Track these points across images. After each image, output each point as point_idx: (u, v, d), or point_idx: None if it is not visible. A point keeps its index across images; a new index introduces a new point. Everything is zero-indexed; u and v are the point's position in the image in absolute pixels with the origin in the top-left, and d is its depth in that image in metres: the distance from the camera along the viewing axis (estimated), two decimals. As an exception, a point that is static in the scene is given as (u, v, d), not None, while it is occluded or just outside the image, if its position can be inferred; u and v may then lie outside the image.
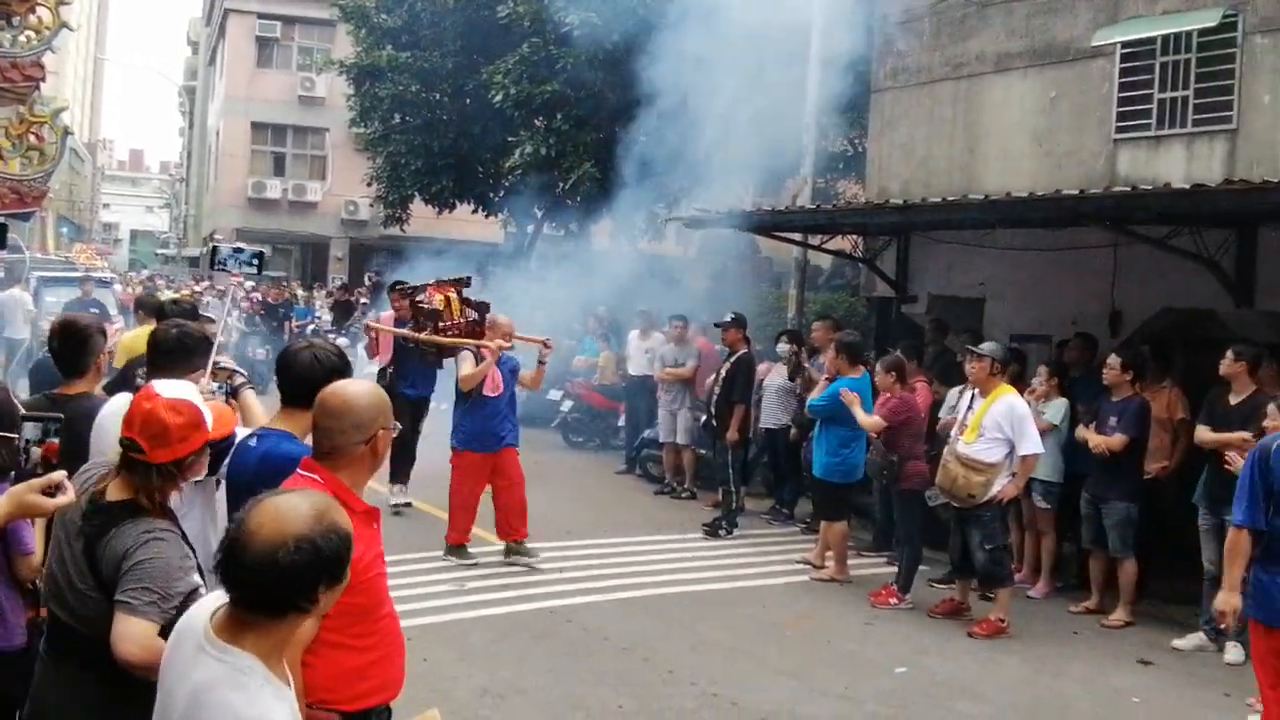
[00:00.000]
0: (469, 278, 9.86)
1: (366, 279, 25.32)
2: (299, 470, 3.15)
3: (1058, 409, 8.96)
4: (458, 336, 9.19)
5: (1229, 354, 7.83)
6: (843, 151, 18.53)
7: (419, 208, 22.63)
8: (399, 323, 10.39)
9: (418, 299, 9.51)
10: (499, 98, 17.35)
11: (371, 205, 25.60)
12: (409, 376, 10.64)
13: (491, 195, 21.63)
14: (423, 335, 9.30)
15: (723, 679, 6.66)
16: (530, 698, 6.21)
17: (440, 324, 9.25)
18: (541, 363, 9.17)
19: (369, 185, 23.34)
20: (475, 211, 22.45)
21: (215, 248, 5.99)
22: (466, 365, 8.84)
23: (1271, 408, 6.77)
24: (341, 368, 3.74)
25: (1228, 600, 5.48)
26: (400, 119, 21.16)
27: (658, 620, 7.81)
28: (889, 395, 8.70)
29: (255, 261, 5.67)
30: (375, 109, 21.17)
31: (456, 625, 7.39)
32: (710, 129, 14.39)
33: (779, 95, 14.30)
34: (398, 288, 10.84)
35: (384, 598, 3.24)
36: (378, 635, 3.20)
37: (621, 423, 14.49)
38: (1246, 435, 7.38)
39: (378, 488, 9.96)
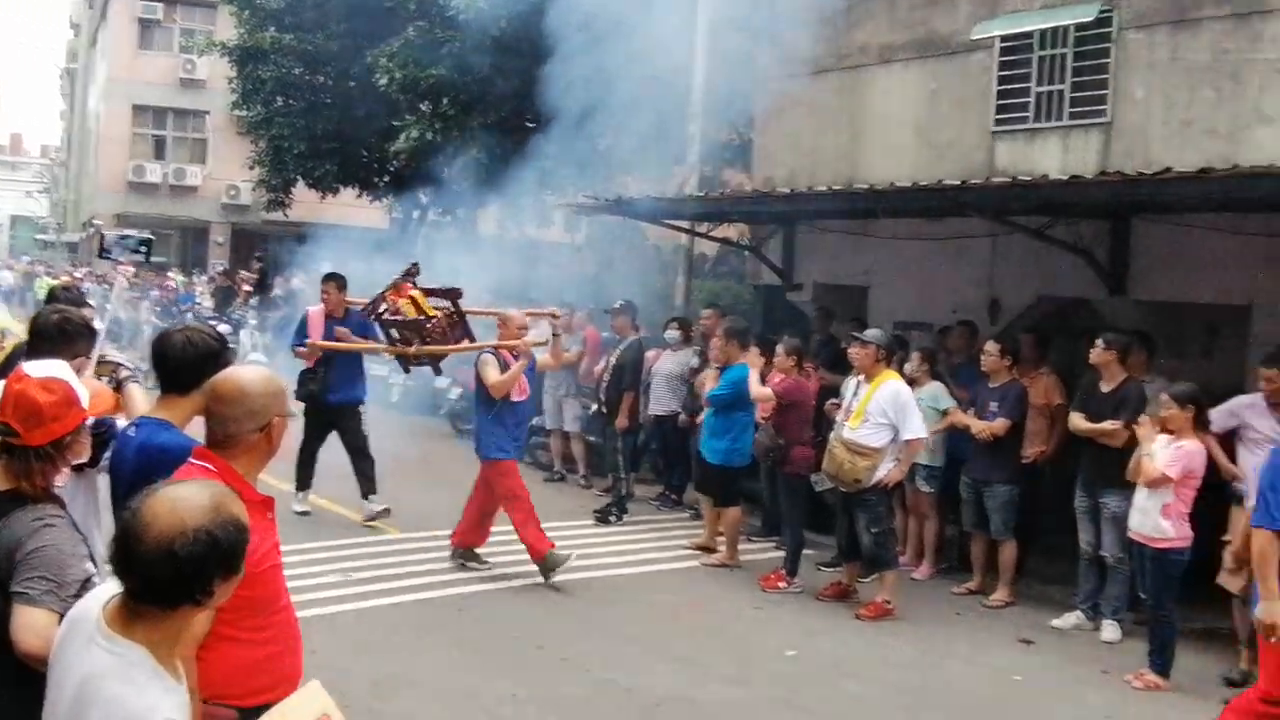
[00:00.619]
0: (415, 265, 9.16)
1: (250, 266, 24.71)
2: (191, 459, 3.06)
3: (931, 394, 9.12)
4: (443, 338, 8.58)
5: (1099, 343, 8.07)
6: (729, 141, 18.65)
7: (302, 192, 22.20)
8: (331, 318, 9.60)
9: (380, 311, 8.79)
10: (384, 81, 17.05)
11: (253, 189, 25.03)
12: (334, 381, 9.70)
13: (376, 180, 21.32)
14: (412, 350, 8.73)
15: (615, 665, 6.67)
16: (422, 689, 6.13)
17: (424, 331, 8.54)
18: (556, 334, 8.62)
19: (251, 169, 22.81)
20: (360, 196, 22.12)
21: (102, 235, 5.73)
22: (492, 370, 8.17)
23: (1164, 397, 7.01)
24: (219, 351, 3.63)
25: (1272, 610, 5.15)
26: (283, 102, 20.71)
27: (550, 608, 7.79)
28: (785, 376, 8.83)
29: (143, 249, 5.43)
30: (257, 91, 20.68)
31: (346, 616, 7.25)
32: (598, 116, 14.35)
33: (667, 83, 14.33)
34: (332, 279, 9.87)
35: (280, 590, 3.16)
36: (274, 629, 3.11)
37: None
38: (1118, 424, 7.63)
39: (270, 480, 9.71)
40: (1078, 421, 8.09)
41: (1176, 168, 8.23)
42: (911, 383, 9.05)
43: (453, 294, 8.84)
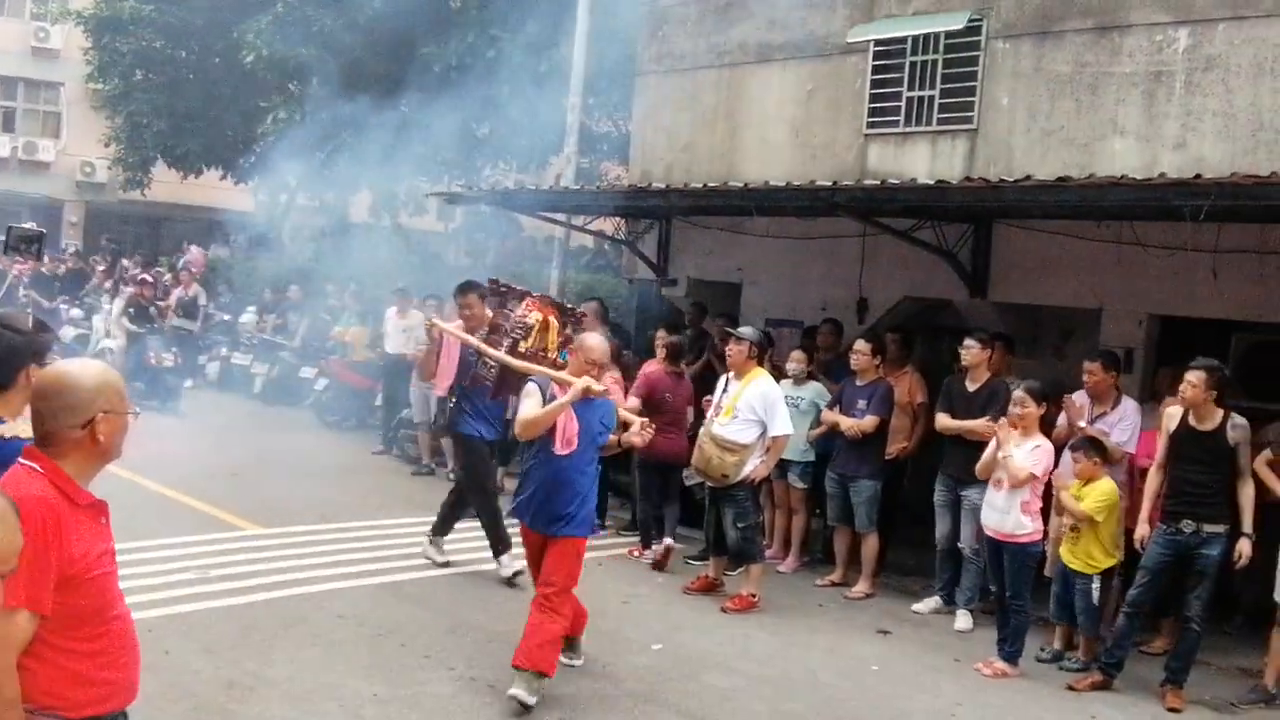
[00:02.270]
0: (584, 313, 7.52)
1: (100, 253, 23.78)
2: (20, 459, 2.89)
3: (815, 392, 9.28)
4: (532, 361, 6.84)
5: (974, 344, 8.27)
6: (607, 133, 18.65)
7: (163, 171, 21.46)
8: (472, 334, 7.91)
9: (508, 306, 7.30)
10: (250, 58, 16.58)
11: (110, 167, 24.11)
12: (479, 410, 8.27)
13: (242, 161, 20.72)
14: (493, 351, 7.11)
15: (480, 662, 6.59)
16: (279, 689, 5.96)
17: (521, 345, 6.98)
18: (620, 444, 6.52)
19: (107, 146, 21.98)
20: (224, 178, 21.48)
21: (9, 228, 5.28)
22: (530, 402, 6.18)
23: (1019, 393, 7.23)
24: (19, 346, 3.44)
25: None
26: (143, 76, 20.02)
27: (415, 604, 7.66)
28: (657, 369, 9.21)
29: (35, 246, 4.92)
30: (116, 64, 19.95)
31: (201, 615, 7.01)
32: (475, 103, 14.20)
33: (545, 73, 14.26)
34: (471, 288, 8.25)
35: (113, 598, 2.99)
36: (106, 638, 2.95)
37: (379, 402, 14.14)
38: (990, 423, 7.85)
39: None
40: (946, 421, 8.28)
41: (1037, 175, 8.50)
42: (792, 380, 9.22)
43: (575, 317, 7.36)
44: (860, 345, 8.93)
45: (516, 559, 7.94)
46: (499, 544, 8.32)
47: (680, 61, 13.03)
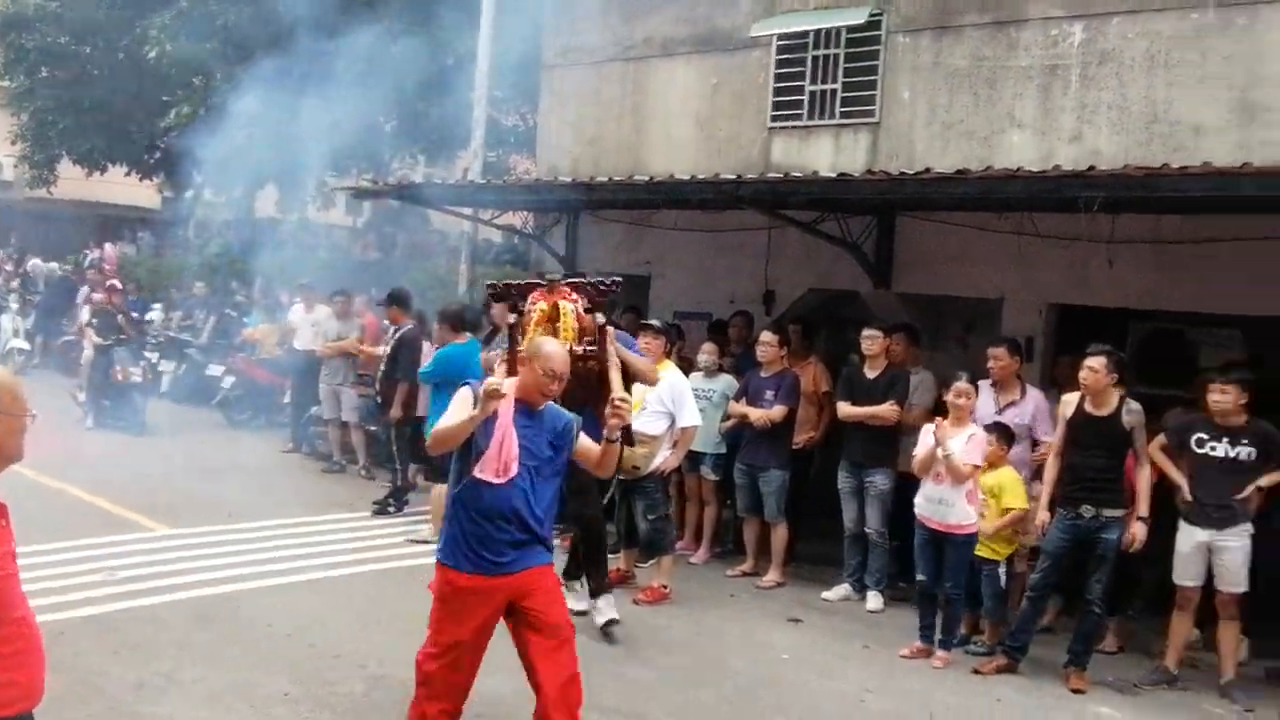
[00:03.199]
0: (615, 282, 6.53)
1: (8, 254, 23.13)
2: None
3: (727, 385, 9.39)
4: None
5: (876, 333, 8.42)
6: (514, 126, 18.63)
7: (68, 169, 21.01)
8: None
9: (520, 308, 6.38)
10: (154, 54, 16.29)
11: (16, 165, 23.54)
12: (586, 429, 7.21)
13: (147, 157, 20.35)
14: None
15: (392, 659, 6.56)
16: (189, 689, 5.91)
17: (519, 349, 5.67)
18: (611, 440, 4.91)
19: (13, 143, 21.50)
20: (129, 174, 21.07)
21: None
22: (458, 408, 4.79)
23: (962, 384, 7.32)
24: None
25: None
26: (48, 72, 19.59)
27: (325, 602, 7.62)
28: None
29: None
30: (21, 61, 19.52)
31: (110, 617, 6.92)
32: (382, 97, 14.08)
33: (452, 66, 14.18)
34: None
35: (16, 600, 2.97)
36: (10, 642, 2.93)
37: (287, 399, 13.98)
38: (895, 408, 8.00)
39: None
40: (848, 409, 8.44)
41: (936, 168, 8.69)
42: (703, 373, 9.30)
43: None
44: (767, 336, 9.05)
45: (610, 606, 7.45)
46: (598, 584, 7.57)
47: (586, 55, 13.06)
